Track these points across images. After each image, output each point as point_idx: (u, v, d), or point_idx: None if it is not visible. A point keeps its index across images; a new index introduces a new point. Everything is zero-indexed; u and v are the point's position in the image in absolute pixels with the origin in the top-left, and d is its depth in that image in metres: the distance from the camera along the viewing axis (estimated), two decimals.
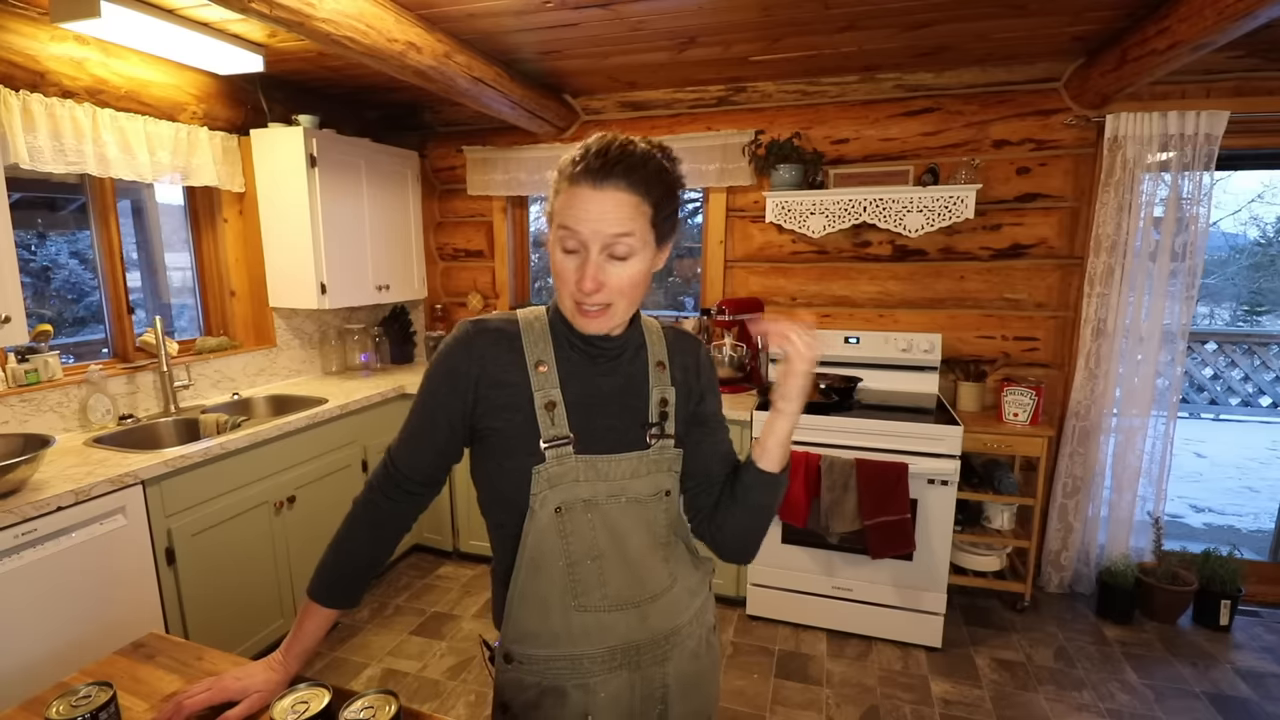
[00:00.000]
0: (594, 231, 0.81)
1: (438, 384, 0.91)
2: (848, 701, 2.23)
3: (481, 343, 0.90)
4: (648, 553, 0.93)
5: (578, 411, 0.90)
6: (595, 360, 0.92)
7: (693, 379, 0.99)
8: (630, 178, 0.81)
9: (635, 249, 0.83)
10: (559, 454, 0.87)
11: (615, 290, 0.84)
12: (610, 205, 0.80)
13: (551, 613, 0.90)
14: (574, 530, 0.89)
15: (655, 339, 0.99)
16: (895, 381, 2.91)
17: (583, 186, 0.81)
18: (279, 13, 1.65)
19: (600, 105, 3.24)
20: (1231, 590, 2.60)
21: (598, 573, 0.90)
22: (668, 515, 0.96)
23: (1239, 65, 2.47)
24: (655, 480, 0.93)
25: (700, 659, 1.00)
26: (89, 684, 0.86)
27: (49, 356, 2.17)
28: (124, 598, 1.85)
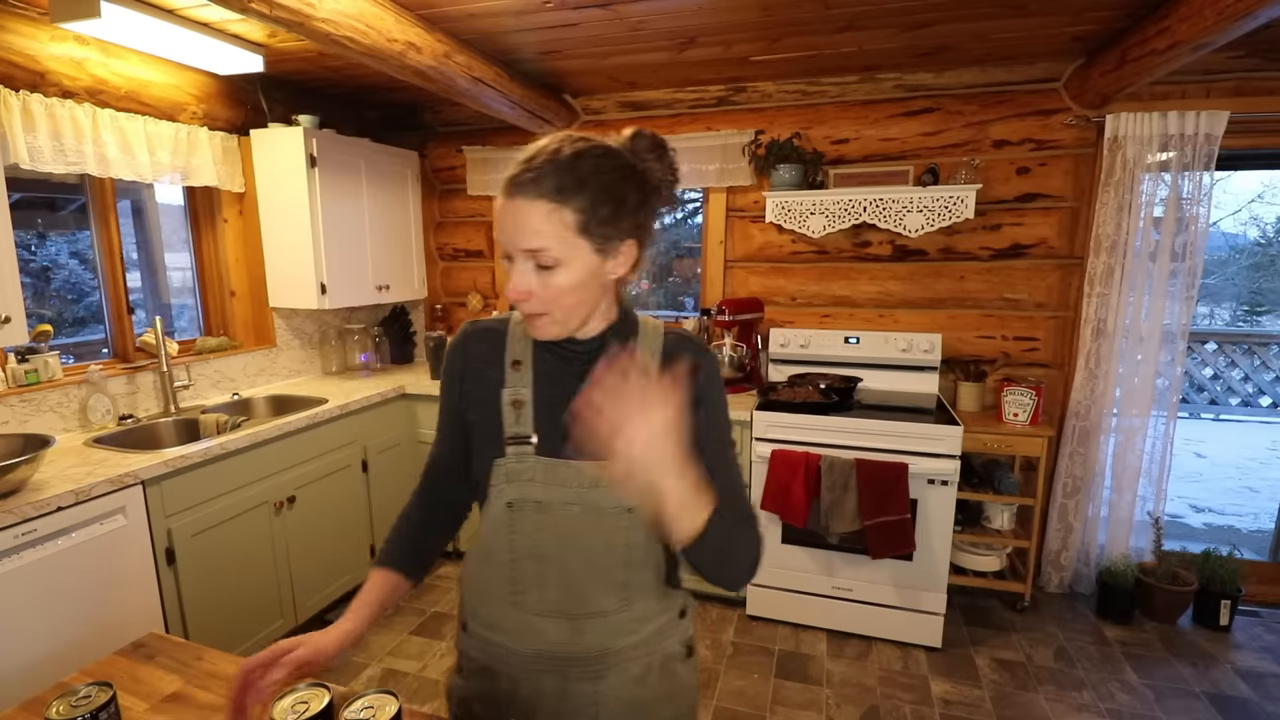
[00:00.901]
0: (514, 242, 0.80)
1: (443, 384, 0.99)
2: (848, 701, 2.23)
3: (470, 341, 0.96)
4: (597, 567, 0.89)
5: (545, 412, 0.90)
6: (569, 362, 0.91)
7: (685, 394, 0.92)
8: (541, 186, 0.77)
9: (561, 258, 0.79)
10: (519, 452, 0.89)
11: (547, 300, 0.81)
12: (522, 217, 0.78)
13: (491, 600, 0.93)
14: (522, 528, 0.89)
15: (649, 344, 0.92)
16: (895, 381, 2.91)
17: (503, 198, 0.80)
18: (279, 13, 1.65)
19: (600, 105, 3.24)
20: (1231, 590, 2.60)
21: (538, 574, 0.89)
22: (630, 534, 0.89)
23: (1239, 65, 2.47)
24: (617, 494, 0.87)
25: (646, 685, 0.94)
26: (89, 684, 0.86)
27: (49, 357, 2.17)
28: (124, 598, 1.85)
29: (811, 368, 3.01)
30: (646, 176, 0.84)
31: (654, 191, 0.86)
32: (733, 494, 0.91)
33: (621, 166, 0.81)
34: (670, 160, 0.87)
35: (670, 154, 0.87)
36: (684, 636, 0.99)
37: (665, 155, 0.86)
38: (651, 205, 0.86)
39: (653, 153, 0.85)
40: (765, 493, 2.52)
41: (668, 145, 0.87)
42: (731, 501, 0.89)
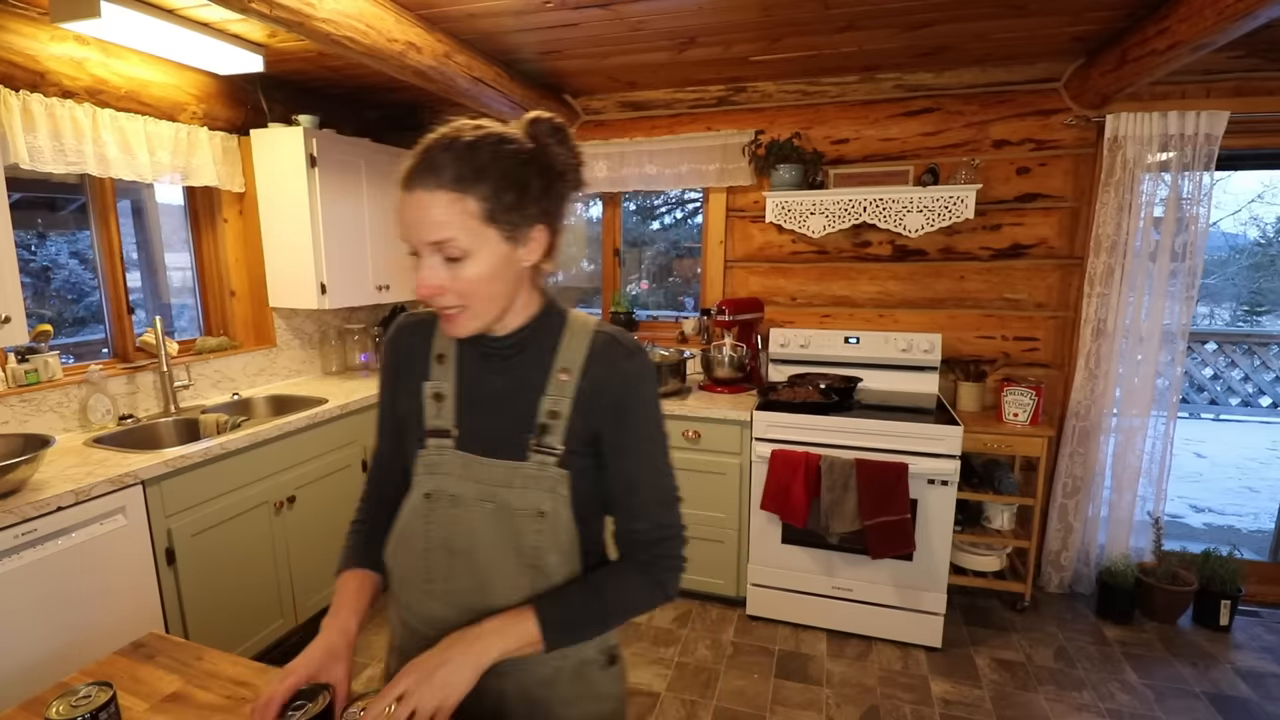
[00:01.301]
0: (417, 237, 0.78)
1: (380, 378, 1.01)
2: (848, 701, 2.23)
3: (403, 334, 0.98)
4: (505, 566, 0.87)
5: (466, 407, 0.90)
6: (489, 358, 0.90)
7: (609, 396, 0.86)
8: (440, 177, 0.76)
9: (470, 249, 0.77)
10: (439, 445, 0.90)
11: (461, 293, 0.80)
12: (422, 210, 0.77)
13: (407, 586, 0.93)
14: (436, 519, 0.89)
15: (575, 343, 0.89)
16: (895, 381, 2.91)
17: (401, 192, 0.79)
18: (279, 13, 1.65)
19: (600, 105, 3.24)
20: (1231, 590, 2.60)
21: (448, 566, 0.89)
22: (541, 537, 0.86)
23: (1239, 65, 2.47)
24: (530, 496, 0.86)
25: (555, 688, 0.92)
26: (89, 684, 0.86)
27: (49, 356, 2.17)
28: (124, 598, 1.85)
29: (811, 368, 3.01)
30: (550, 161, 0.82)
31: (559, 176, 0.84)
32: (655, 492, 0.90)
33: (521, 151, 0.80)
34: (572, 144, 0.85)
35: (571, 138, 0.85)
36: (602, 645, 0.96)
37: (566, 139, 0.84)
38: (558, 190, 0.84)
39: (554, 137, 0.83)
40: (765, 493, 2.52)
41: (568, 129, 0.85)
42: (654, 497, 0.90)
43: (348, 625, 0.90)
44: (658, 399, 0.92)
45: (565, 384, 0.87)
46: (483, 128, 0.80)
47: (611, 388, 0.87)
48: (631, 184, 3.21)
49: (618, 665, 0.99)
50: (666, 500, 0.91)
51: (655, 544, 0.90)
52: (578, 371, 0.87)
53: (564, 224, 0.87)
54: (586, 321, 0.91)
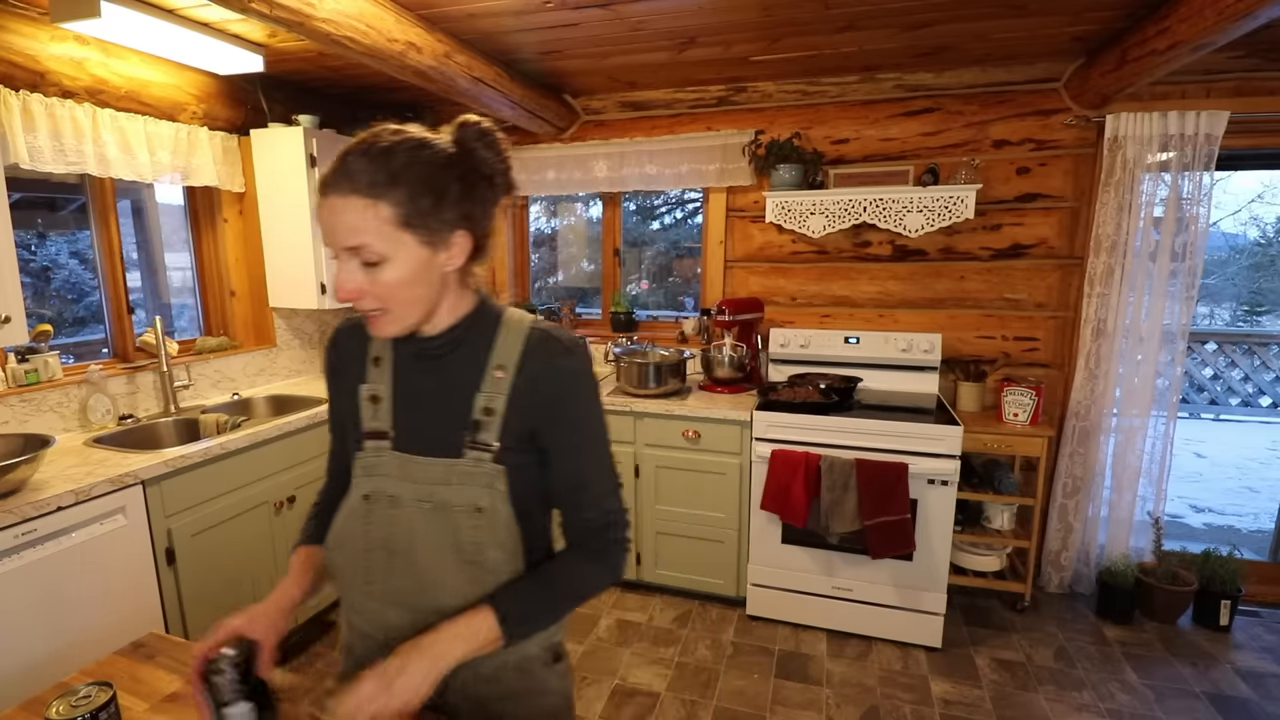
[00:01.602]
0: (336, 241, 0.79)
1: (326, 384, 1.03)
2: (848, 701, 2.23)
3: (340, 338, 1.00)
4: (445, 564, 0.87)
5: (402, 408, 0.92)
6: (423, 358, 0.91)
7: (544, 391, 0.87)
8: (354, 183, 0.77)
9: (386, 254, 0.78)
10: (376, 446, 0.92)
11: (379, 297, 0.81)
12: (337, 215, 0.78)
13: (349, 587, 0.95)
14: (376, 520, 0.90)
15: (510, 340, 0.89)
16: (895, 381, 2.91)
17: (320, 198, 0.80)
18: (279, 13, 1.65)
19: (600, 105, 3.24)
20: (1231, 590, 2.60)
21: (388, 566, 0.90)
22: (479, 533, 0.87)
23: (1239, 65, 2.47)
24: (467, 493, 0.87)
25: (499, 684, 0.93)
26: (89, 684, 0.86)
27: (49, 356, 2.17)
28: (124, 598, 1.85)
29: (811, 368, 3.01)
30: (475, 166, 0.83)
31: (483, 181, 0.84)
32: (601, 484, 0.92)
33: (439, 157, 0.80)
34: (500, 149, 0.85)
35: (499, 142, 0.85)
36: (546, 641, 0.97)
37: (494, 144, 0.85)
38: (481, 194, 0.84)
39: (480, 141, 0.84)
40: (765, 493, 2.52)
41: (495, 133, 0.85)
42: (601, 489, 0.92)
43: (290, 592, 0.96)
44: (596, 393, 0.93)
45: (500, 381, 0.87)
46: (402, 133, 0.80)
47: (547, 384, 0.87)
48: (631, 184, 3.21)
49: (563, 662, 1.01)
50: (611, 489, 0.94)
51: (604, 530, 0.92)
52: (513, 368, 0.88)
53: (490, 227, 0.88)
54: (522, 319, 0.92)
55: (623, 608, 2.81)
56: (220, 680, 0.81)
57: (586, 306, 3.72)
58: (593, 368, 0.92)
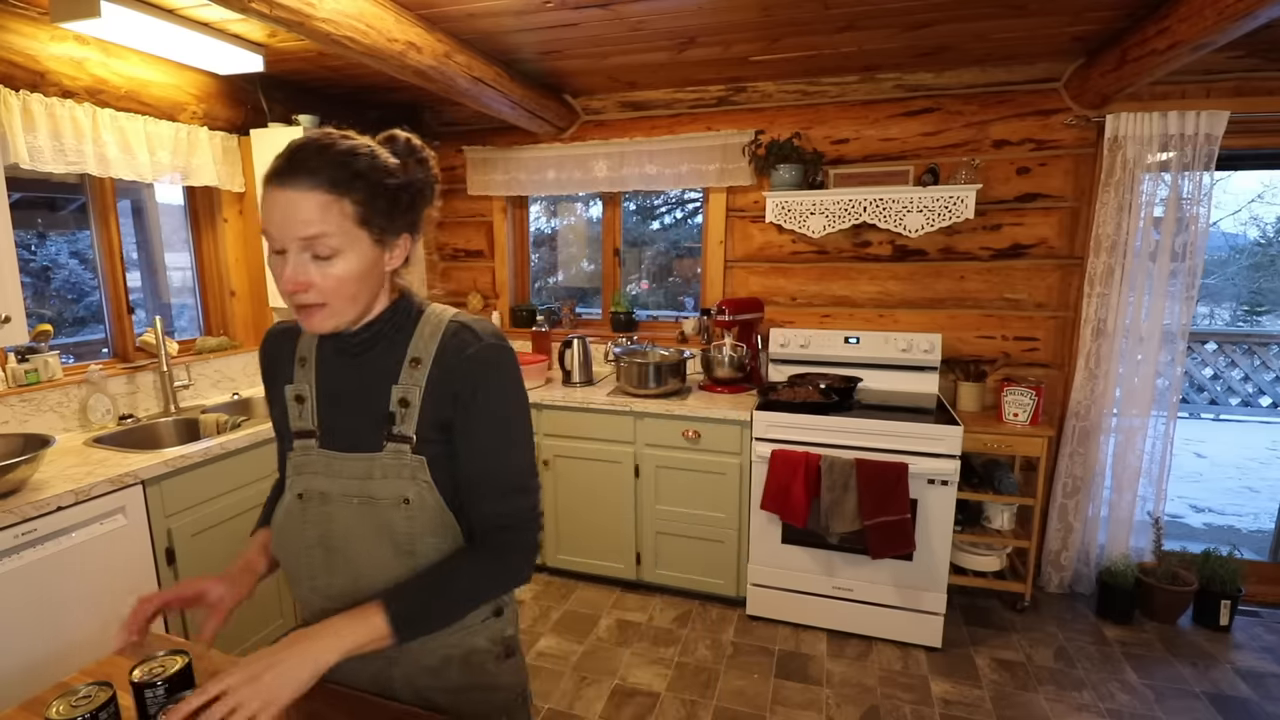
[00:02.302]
0: (286, 233, 0.79)
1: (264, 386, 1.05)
2: (848, 701, 2.23)
3: (271, 342, 1.02)
4: (379, 557, 0.88)
5: (325, 406, 0.93)
6: (343, 355, 0.92)
7: (457, 382, 0.87)
8: (317, 177, 0.79)
9: (340, 248, 0.80)
10: (304, 445, 0.94)
11: (326, 290, 0.81)
12: (293, 208, 0.79)
13: (294, 583, 0.97)
14: (311, 518, 0.92)
15: (427, 332, 0.90)
16: (895, 381, 2.91)
17: (271, 188, 0.80)
18: (279, 13, 1.65)
19: (600, 105, 3.24)
20: (1231, 590, 2.60)
21: (327, 563, 0.92)
22: (411, 523, 0.87)
23: (1239, 65, 2.47)
24: (392, 485, 0.87)
25: (443, 677, 0.94)
26: (89, 684, 0.86)
27: (49, 356, 2.17)
28: (124, 598, 1.84)
29: (811, 368, 3.01)
30: (415, 178, 0.87)
31: (419, 192, 0.88)
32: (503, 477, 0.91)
33: (390, 165, 0.84)
34: (429, 164, 0.90)
35: (429, 159, 0.90)
36: (495, 635, 0.97)
37: (424, 160, 0.89)
38: (419, 204, 0.89)
39: (411, 156, 0.88)
40: (765, 493, 2.52)
41: (423, 149, 0.90)
42: (502, 482, 0.90)
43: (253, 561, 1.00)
44: (512, 385, 0.91)
45: (416, 373, 0.88)
46: (353, 138, 0.84)
47: (460, 374, 0.88)
48: (631, 184, 3.21)
49: (515, 658, 1.01)
50: (517, 486, 0.91)
51: (504, 529, 0.90)
52: (429, 360, 0.89)
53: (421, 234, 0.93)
54: (443, 313, 0.93)
55: (623, 608, 2.81)
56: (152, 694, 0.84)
57: (586, 306, 3.72)
58: (512, 361, 0.91)
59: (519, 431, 0.92)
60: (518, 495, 0.91)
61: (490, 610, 0.97)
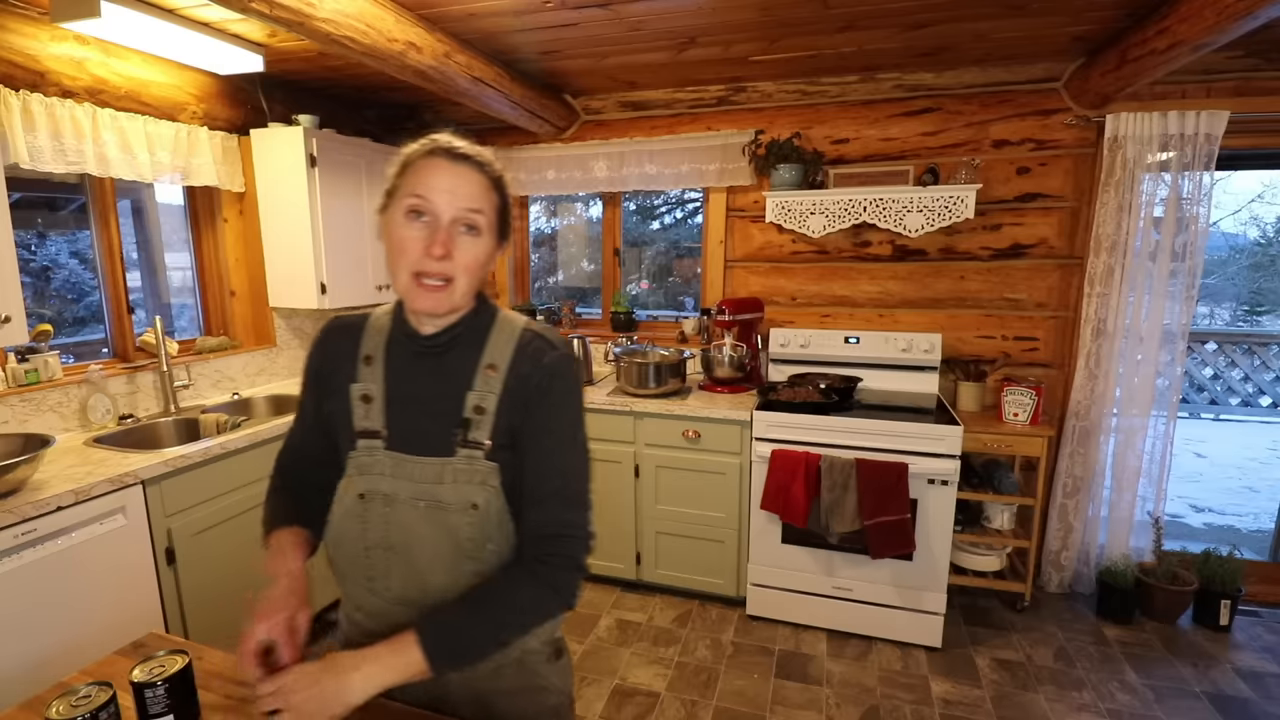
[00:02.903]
0: (449, 202, 0.84)
1: (303, 377, 1.04)
2: (848, 701, 2.23)
3: (330, 337, 1.00)
4: (442, 561, 0.88)
5: (395, 407, 0.92)
6: (419, 357, 0.92)
7: (530, 390, 0.88)
8: (484, 167, 0.87)
9: (483, 229, 0.86)
10: (369, 446, 0.92)
11: (461, 265, 0.85)
12: (465, 180, 0.85)
13: (350, 584, 0.96)
14: (372, 519, 0.91)
15: (503, 339, 0.92)
16: (895, 381, 2.91)
17: (441, 159, 0.85)
18: (279, 13, 1.65)
19: (600, 105, 3.24)
20: (1231, 590, 2.60)
21: (387, 564, 0.91)
22: (476, 529, 0.87)
23: (1239, 65, 2.47)
24: (461, 490, 0.87)
25: (499, 679, 0.94)
26: (89, 684, 0.86)
27: (49, 356, 2.17)
28: (124, 598, 1.85)
29: (811, 368, 3.01)
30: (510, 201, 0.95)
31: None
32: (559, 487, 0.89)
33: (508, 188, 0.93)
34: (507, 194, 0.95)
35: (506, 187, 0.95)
36: (547, 635, 0.98)
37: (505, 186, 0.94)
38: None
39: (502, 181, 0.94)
40: (765, 493, 2.52)
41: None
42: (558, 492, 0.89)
43: (295, 569, 0.91)
44: (575, 398, 0.93)
45: (492, 379, 0.89)
46: None
47: (533, 383, 0.89)
48: (631, 184, 3.21)
49: (564, 659, 1.01)
50: (570, 499, 0.90)
51: (551, 540, 0.88)
52: (504, 367, 0.90)
53: None
54: (515, 319, 0.95)
55: (623, 608, 2.81)
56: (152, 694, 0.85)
57: (586, 306, 3.72)
58: (579, 375, 0.94)
59: (580, 444, 0.93)
60: (573, 508, 0.90)
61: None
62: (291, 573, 0.91)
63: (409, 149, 0.89)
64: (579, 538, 0.89)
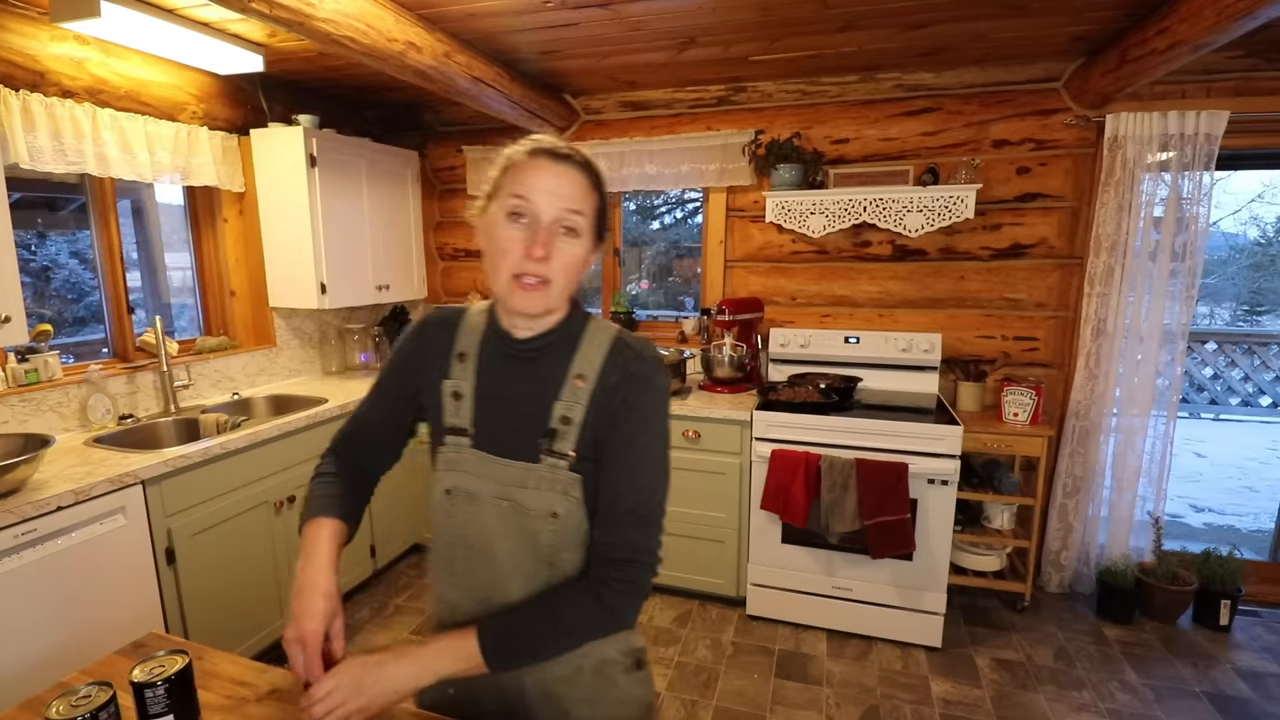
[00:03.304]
0: (550, 203, 0.83)
1: (392, 359, 1.03)
2: (848, 701, 2.23)
3: (429, 328, 0.99)
4: (519, 563, 0.89)
5: (484, 407, 0.92)
6: (510, 360, 0.92)
7: (617, 404, 0.87)
8: (585, 168, 0.86)
9: (583, 230, 0.86)
10: (457, 442, 0.93)
11: (559, 266, 0.84)
12: (567, 181, 0.84)
13: (437, 578, 0.98)
14: (456, 515, 0.93)
15: (593, 348, 0.90)
16: (895, 381, 2.91)
17: (543, 160, 0.84)
18: (279, 13, 1.65)
19: (600, 105, 3.24)
20: (1231, 590, 2.60)
21: (468, 561, 0.93)
22: (556, 537, 0.88)
23: (1239, 65, 2.46)
24: (543, 498, 0.87)
25: (574, 686, 0.93)
26: (89, 684, 0.86)
27: (49, 356, 2.17)
28: (124, 598, 1.85)
29: (811, 368, 3.01)
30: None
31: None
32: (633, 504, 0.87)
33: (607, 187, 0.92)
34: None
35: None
36: (626, 646, 0.97)
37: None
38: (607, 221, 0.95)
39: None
40: (765, 492, 2.52)
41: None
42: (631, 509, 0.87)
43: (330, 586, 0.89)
44: (662, 414, 0.90)
45: (580, 390, 0.88)
46: None
47: (620, 396, 0.87)
48: (631, 184, 3.21)
49: (644, 670, 0.99)
50: (643, 520, 0.88)
51: (620, 565, 0.86)
52: (593, 378, 0.88)
53: None
54: (607, 329, 0.93)
55: None
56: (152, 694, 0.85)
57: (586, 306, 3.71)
58: (667, 388, 0.92)
59: (662, 463, 0.91)
60: (645, 529, 0.88)
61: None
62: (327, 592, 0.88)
63: (510, 149, 0.89)
64: (646, 563, 0.87)
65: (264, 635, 2.31)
